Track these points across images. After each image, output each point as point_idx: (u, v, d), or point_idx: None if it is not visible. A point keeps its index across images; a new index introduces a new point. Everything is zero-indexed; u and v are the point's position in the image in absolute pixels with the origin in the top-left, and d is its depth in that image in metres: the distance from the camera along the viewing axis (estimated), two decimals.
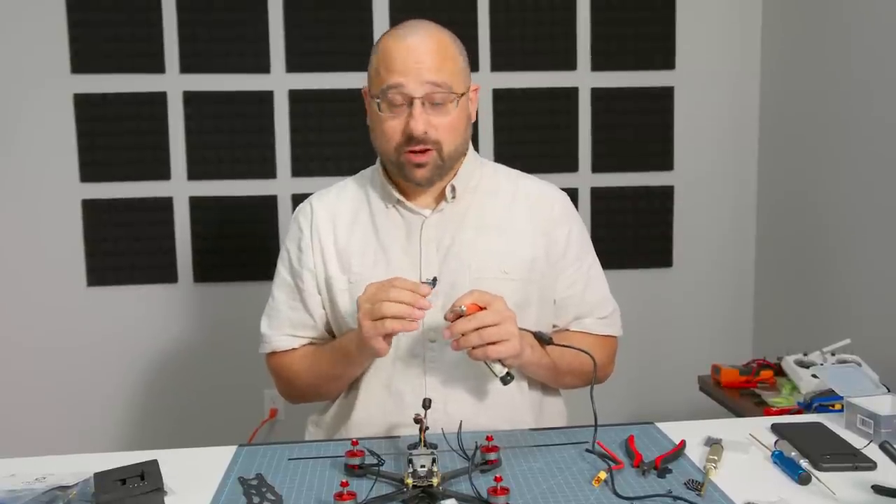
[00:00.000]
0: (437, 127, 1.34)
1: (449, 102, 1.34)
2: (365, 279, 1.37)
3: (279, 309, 1.49)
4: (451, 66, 1.35)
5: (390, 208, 1.44)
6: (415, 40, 1.33)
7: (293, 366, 1.48)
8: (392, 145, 1.36)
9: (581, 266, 1.49)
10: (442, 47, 1.35)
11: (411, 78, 1.31)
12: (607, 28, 2.77)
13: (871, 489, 1.09)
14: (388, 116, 1.34)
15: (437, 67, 1.32)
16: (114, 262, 2.71)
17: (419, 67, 1.31)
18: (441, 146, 1.35)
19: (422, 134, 1.32)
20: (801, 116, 2.60)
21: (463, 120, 1.39)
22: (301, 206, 1.51)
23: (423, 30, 1.36)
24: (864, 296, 2.27)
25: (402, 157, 1.36)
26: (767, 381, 2.05)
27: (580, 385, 1.47)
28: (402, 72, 1.31)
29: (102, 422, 2.74)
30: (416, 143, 1.33)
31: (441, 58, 1.33)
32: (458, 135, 1.38)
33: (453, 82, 1.34)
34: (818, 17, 2.49)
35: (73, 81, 2.63)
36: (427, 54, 1.32)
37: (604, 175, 2.83)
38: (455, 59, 1.36)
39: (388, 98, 1.33)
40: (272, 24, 2.67)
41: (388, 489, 1.11)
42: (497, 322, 1.22)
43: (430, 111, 1.33)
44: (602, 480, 1.12)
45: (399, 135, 1.34)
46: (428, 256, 1.40)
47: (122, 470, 1.14)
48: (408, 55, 1.32)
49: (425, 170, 1.36)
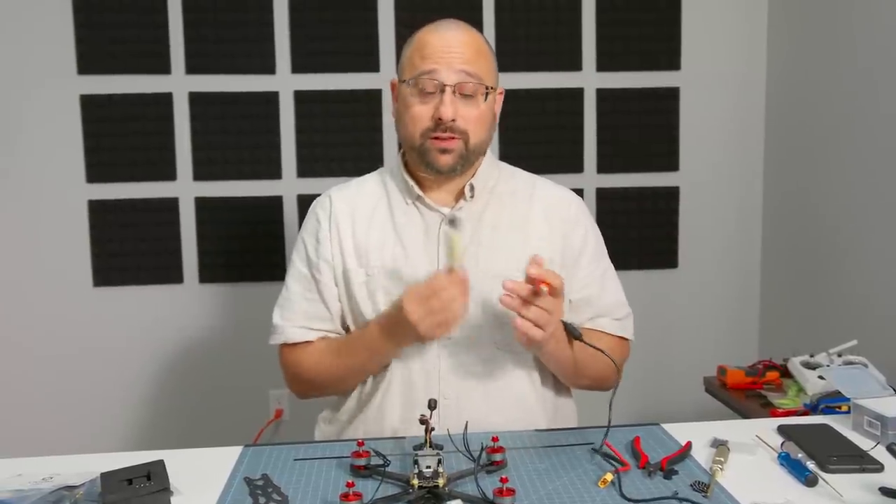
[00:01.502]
0: (465, 117, 1.37)
1: (479, 94, 1.38)
2: (383, 273, 1.41)
3: (293, 300, 1.48)
4: (484, 62, 1.40)
5: (409, 205, 1.45)
6: (451, 33, 1.39)
7: (309, 359, 1.46)
8: (419, 130, 1.38)
9: (596, 268, 1.50)
10: (477, 43, 1.40)
11: (444, 65, 1.35)
12: (612, 29, 2.77)
13: (878, 491, 1.09)
14: (418, 101, 1.37)
15: (471, 59, 1.37)
16: (120, 263, 2.71)
17: (453, 56, 1.36)
18: (468, 136, 1.38)
19: (450, 120, 1.35)
20: (807, 117, 2.59)
21: (490, 116, 1.42)
22: (319, 199, 1.52)
23: (460, 27, 1.41)
24: (870, 297, 2.27)
25: (427, 142, 1.37)
26: (773, 382, 2.05)
27: (593, 387, 1.47)
28: (437, 59, 1.35)
29: (108, 422, 2.74)
30: (443, 130, 1.36)
31: (475, 51, 1.38)
32: (485, 129, 1.41)
33: (485, 75, 1.38)
34: (824, 18, 2.48)
35: (79, 82, 2.64)
36: (463, 45, 1.37)
37: (609, 176, 2.82)
38: (488, 57, 1.41)
39: (420, 84, 1.36)
40: (277, 25, 2.68)
41: (394, 490, 1.11)
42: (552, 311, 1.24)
43: (459, 101, 1.36)
44: (608, 482, 1.11)
45: (427, 120, 1.37)
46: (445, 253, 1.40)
47: (128, 470, 1.15)
48: (443, 44, 1.37)
49: (450, 156, 1.38)
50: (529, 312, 1.22)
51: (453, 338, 1.39)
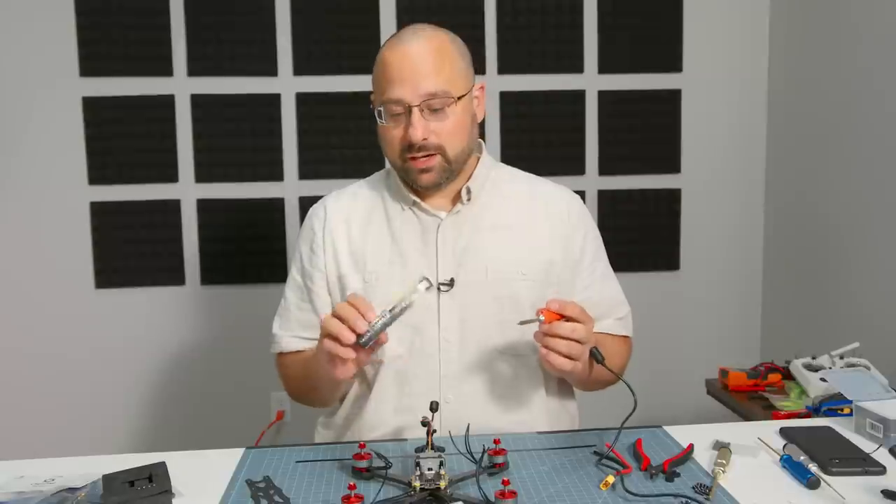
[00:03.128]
0: (437, 132, 1.34)
1: (447, 107, 1.34)
2: (380, 279, 1.40)
3: (289, 310, 1.49)
4: (449, 70, 1.34)
5: (406, 210, 1.44)
6: (410, 48, 1.34)
7: (288, 371, 1.49)
8: (396, 153, 1.37)
9: (596, 269, 1.50)
10: (439, 52, 1.34)
11: (407, 88, 1.32)
12: (614, 31, 2.77)
13: (880, 494, 1.08)
14: (391, 126, 1.36)
15: (434, 73, 1.32)
16: (122, 265, 2.72)
17: (414, 77, 1.32)
18: (444, 150, 1.36)
19: (420, 141, 1.33)
20: (809, 119, 2.59)
21: (466, 121, 1.39)
22: (314, 208, 1.52)
23: (420, 36, 1.35)
24: (872, 299, 2.26)
25: (406, 164, 1.37)
26: (775, 384, 2.04)
27: (599, 389, 1.48)
28: (399, 82, 1.32)
29: (110, 424, 2.75)
30: (417, 150, 1.34)
31: (438, 63, 1.33)
32: (462, 137, 1.38)
33: (451, 86, 1.34)
34: (825, 20, 2.48)
35: (81, 84, 2.64)
36: (422, 62, 1.33)
37: (611, 178, 2.82)
38: (453, 62, 1.36)
39: (388, 109, 1.35)
40: (279, 28, 2.68)
41: (396, 492, 1.11)
42: (584, 341, 1.23)
43: (429, 117, 1.34)
44: (610, 484, 1.11)
45: (400, 143, 1.35)
46: (444, 258, 1.40)
47: (130, 472, 1.15)
48: (403, 64, 1.33)
49: (431, 174, 1.37)
50: (561, 346, 1.21)
51: (452, 341, 1.39)
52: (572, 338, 1.21)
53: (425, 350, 1.39)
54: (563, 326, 1.21)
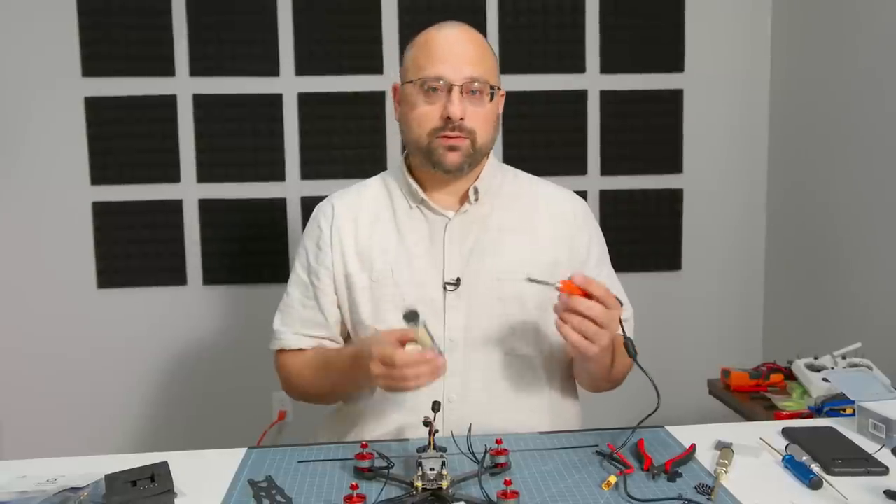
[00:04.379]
0: (472, 116, 1.37)
1: (485, 94, 1.38)
2: (387, 277, 1.40)
3: (293, 306, 1.49)
4: (488, 63, 1.40)
5: (413, 208, 1.44)
6: (455, 33, 1.40)
7: (294, 368, 1.49)
8: (427, 129, 1.37)
9: (601, 271, 1.50)
10: (481, 44, 1.41)
11: (451, 65, 1.35)
12: (616, 31, 2.77)
13: (883, 494, 1.08)
14: (425, 101, 1.37)
15: (478, 60, 1.38)
16: (124, 265, 2.72)
17: (460, 58, 1.36)
18: (475, 136, 1.38)
19: (459, 119, 1.35)
20: (811, 119, 2.59)
21: (495, 116, 1.43)
22: (321, 205, 1.52)
23: (464, 27, 1.42)
24: (875, 299, 2.26)
25: (435, 140, 1.37)
26: (778, 384, 2.04)
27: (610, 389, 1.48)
28: (443, 59, 1.36)
29: (112, 423, 2.75)
30: (451, 129, 1.35)
31: (480, 52, 1.39)
32: (491, 129, 1.41)
33: (490, 76, 1.39)
34: (827, 20, 2.48)
35: (83, 84, 2.64)
36: (467, 45, 1.38)
37: (613, 178, 2.82)
38: (491, 59, 1.42)
39: (427, 84, 1.36)
40: (281, 28, 2.68)
41: (398, 492, 1.11)
42: (603, 324, 1.20)
43: (467, 100, 1.36)
44: (612, 484, 1.11)
45: (436, 119, 1.36)
46: (450, 258, 1.41)
47: (132, 472, 1.15)
48: (448, 44, 1.37)
49: (457, 154, 1.37)
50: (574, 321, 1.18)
51: (457, 340, 1.39)
52: (588, 315, 1.18)
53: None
54: (580, 302, 1.18)
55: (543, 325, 1.41)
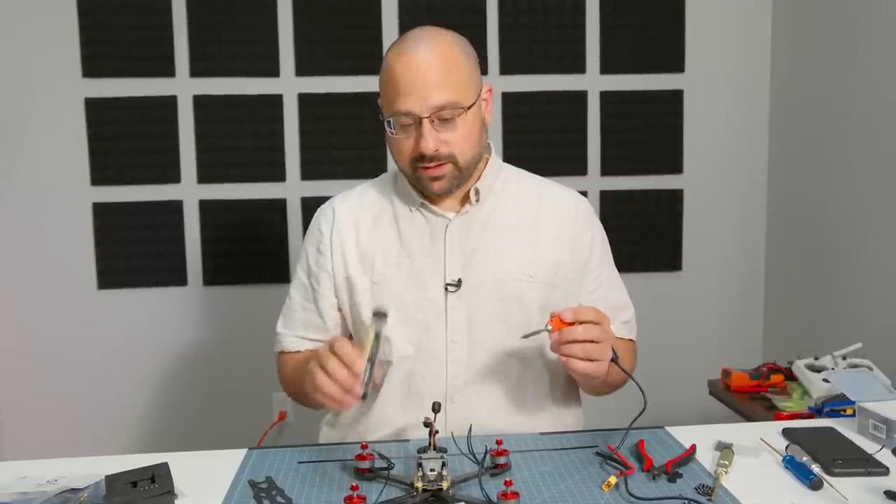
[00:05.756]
0: (447, 142, 1.33)
1: (458, 117, 1.33)
2: (388, 280, 1.40)
3: (294, 309, 1.50)
4: (457, 79, 1.32)
5: (414, 211, 1.44)
6: (417, 58, 1.31)
7: (288, 369, 1.49)
8: (407, 162, 1.36)
9: (604, 270, 1.50)
10: (446, 60, 1.32)
11: (416, 100, 1.30)
12: (616, 31, 2.77)
13: (883, 495, 1.08)
14: (401, 136, 1.35)
15: (442, 84, 1.30)
16: (124, 265, 2.72)
17: (423, 89, 1.29)
18: (455, 159, 1.35)
19: (432, 153, 1.32)
20: (811, 119, 2.59)
21: (476, 127, 1.38)
22: (322, 209, 1.51)
23: (426, 43, 1.33)
24: (875, 299, 2.26)
25: (418, 171, 1.36)
26: (778, 385, 2.04)
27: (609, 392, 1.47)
28: (407, 94, 1.30)
29: (113, 424, 2.75)
30: (429, 160, 1.33)
31: (445, 73, 1.31)
32: (473, 144, 1.37)
33: (460, 96, 1.32)
34: (828, 20, 2.48)
35: (83, 85, 2.64)
36: (430, 73, 1.30)
37: (613, 178, 2.82)
38: (461, 70, 1.33)
39: (398, 121, 1.33)
40: (282, 28, 2.68)
41: (398, 493, 1.11)
42: (602, 340, 1.20)
43: (440, 127, 1.32)
44: (612, 485, 1.11)
45: (411, 153, 1.34)
46: (452, 259, 1.40)
47: (132, 473, 1.15)
48: (410, 76, 1.30)
49: (442, 182, 1.36)
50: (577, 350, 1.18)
51: (458, 341, 1.39)
52: (588, 339, 1.19)
53: (432, 350, 1.39)
54: (575, 331, 1.19)
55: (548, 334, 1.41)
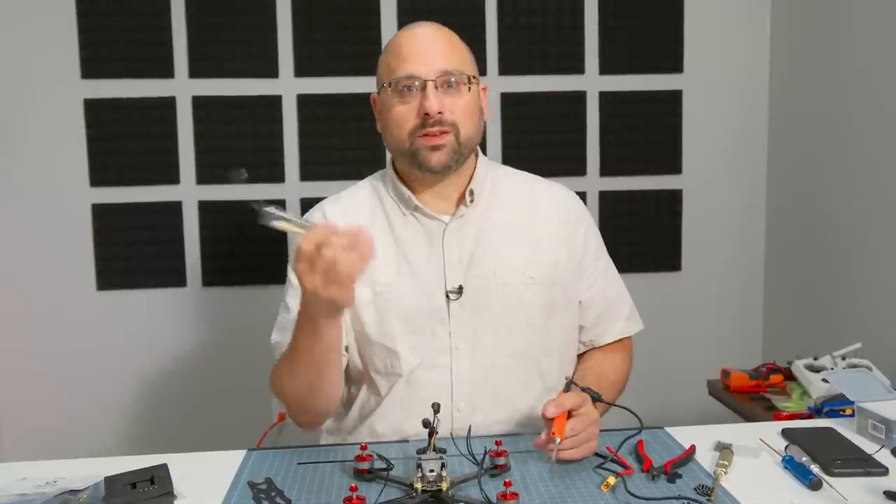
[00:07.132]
0: (452, 108, 1.32)
1: (462, 84, 1.34)
2: (390, 290, 1.37)
3: (289, 318, 1.43)
4: (461, 55, 1.38)
5: (408, 215, 1.41)
6: (424, 31, 1.37)
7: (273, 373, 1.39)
8: (406, 130, 1.33)
9: (599, 265, 1.50)
10: (451, 38, 1.38)
11: (422, 65, 1.32)
12: (615, 32, 2.77)
13: (882, 495, 1.08)
14: (400, 102, 1.33)
15: (448, 53, 1.35)
16: (123, 266, 2.72)
17: (430, 54, 1.33)
18: (458, 129, 1.33)
19: (437, 113, 1.30)
20: (811, 119, 2.59)
21: (477, 107, 1.38)
22: (310, 215, 1.47)
23: (432, 25, 1.40)
24: (874, 300, 2.26)
25: (416, 141, 1.33)
26: (777, 385, 2.04)
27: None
28: (413, 59, 1.33)
29: (112, 425, 2.74)
30: (431, 125, 1.31)
31: (450, 46, 1.36)
32: (474, 120, 1.37)
33: (465, 66, 1.36)
34: (827, 21, 2.48)
35: (82, 86, 2.64)
36: (438, 42, 1.35)
37: (612, 179, 2.82)
38: (463, 51, 1.40)
39: (400, 86, 1.32)
40: (281, 29, 2.68)
41: (398, 494, 1.11)
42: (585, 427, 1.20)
43: (443, 94, 1.32)
44: (611, 485, 1.11)
45: (413, 118, 1.32)
46: (451, 264, 1.38)
47: (132, 474, 1.15)
48: (417, 44, 1.35)
49: (442, 153, 1.33)
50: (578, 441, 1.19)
51: (462, 349, 1.37)
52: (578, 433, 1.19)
53: (436, 359, 1.37)
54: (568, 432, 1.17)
55: (548, 326, 1.40)
